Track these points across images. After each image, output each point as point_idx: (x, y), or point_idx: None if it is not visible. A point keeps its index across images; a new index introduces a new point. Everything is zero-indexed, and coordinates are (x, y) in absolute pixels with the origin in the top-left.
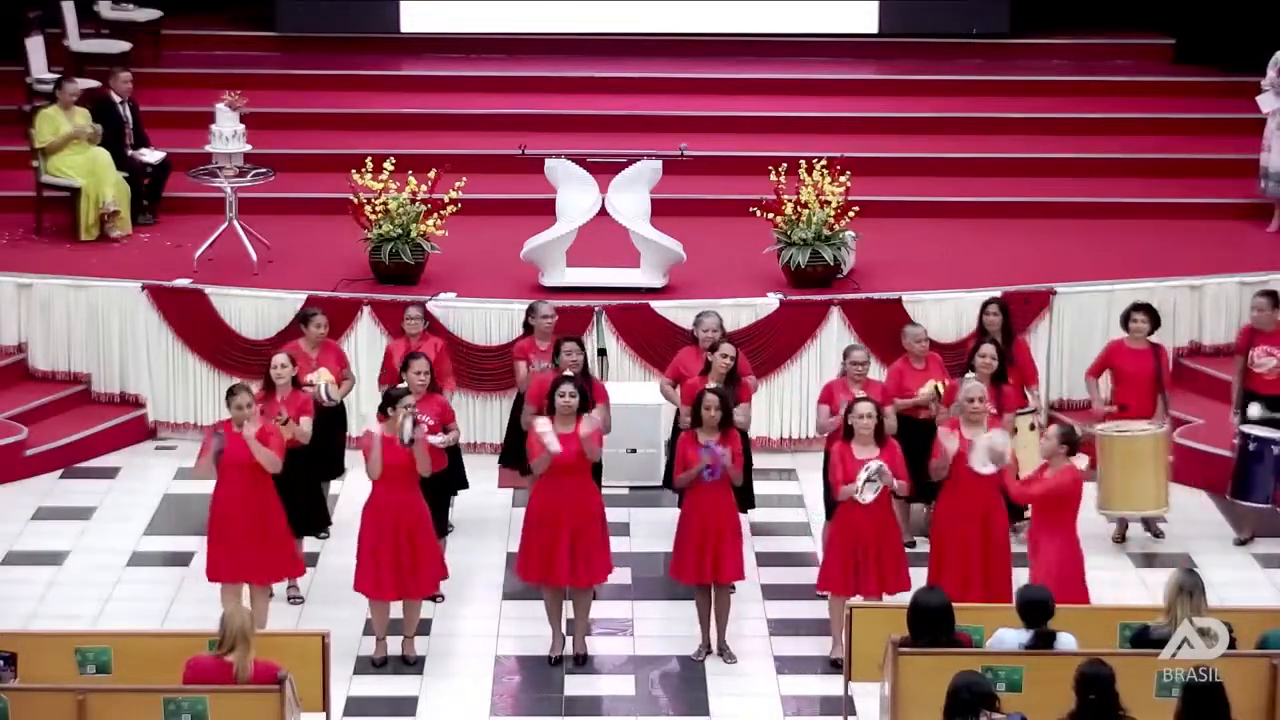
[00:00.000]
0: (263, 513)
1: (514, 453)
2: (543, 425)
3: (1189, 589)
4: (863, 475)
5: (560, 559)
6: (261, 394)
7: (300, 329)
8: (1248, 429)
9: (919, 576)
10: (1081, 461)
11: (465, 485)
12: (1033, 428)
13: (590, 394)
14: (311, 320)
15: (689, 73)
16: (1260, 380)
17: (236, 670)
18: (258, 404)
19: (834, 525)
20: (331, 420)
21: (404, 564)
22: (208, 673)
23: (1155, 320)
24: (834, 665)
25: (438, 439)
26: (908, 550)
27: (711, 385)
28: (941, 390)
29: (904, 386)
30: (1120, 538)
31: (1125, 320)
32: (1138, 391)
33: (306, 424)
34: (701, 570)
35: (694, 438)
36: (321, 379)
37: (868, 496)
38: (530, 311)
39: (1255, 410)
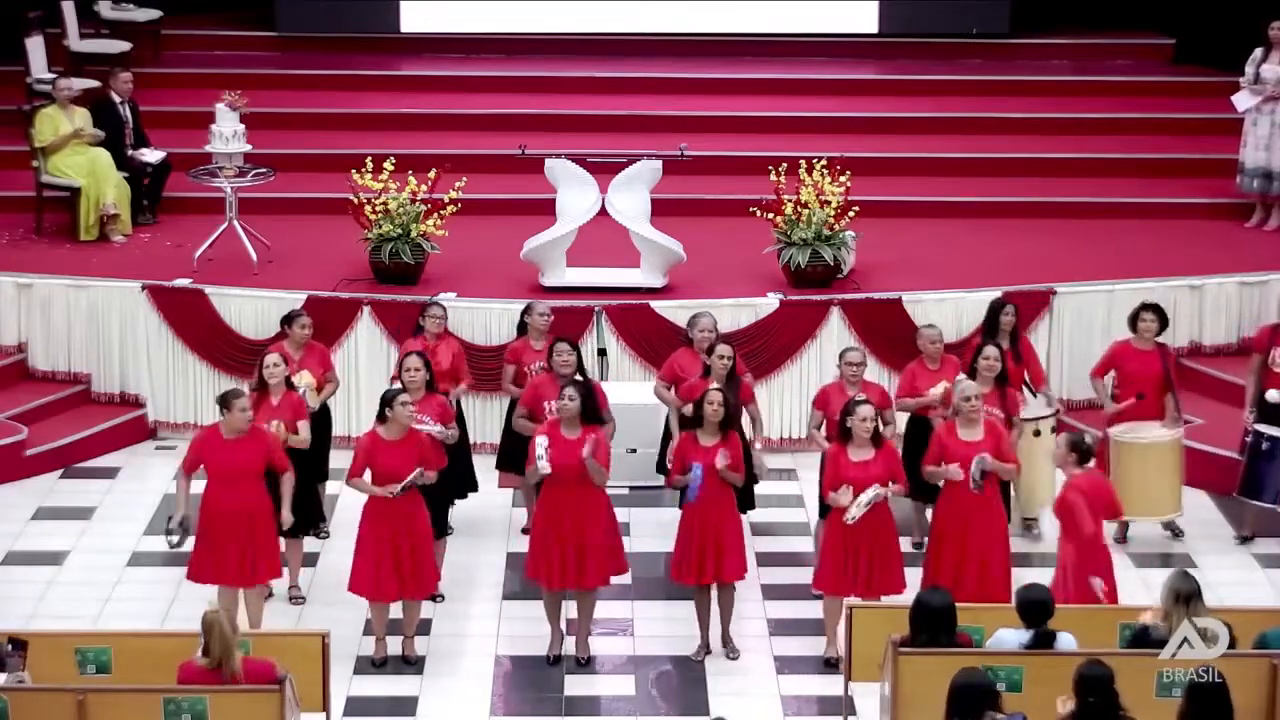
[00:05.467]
0: (250, 516)
1: (508, 457)
2: (540, 443)
3: (1185, 595)
4: (863, 500)
5: (566, 563)
6: (254, 395)
7: (285, 330)
8: (1261, 428)
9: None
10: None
11: (475, 488)
12: (1054, 430)
13: (595, 398)
14: (296, 321)
15: (689, 73)
16: (1279, 379)
17: (227, 680)
18: (250, 406)
19: (829, 525)
20: (315, 425)
21: (404, 565)
22: (199, 679)
23: (1164, 320)
24: (828, 664)
25: (435, 429)
26: (916, 551)
27: (716, 385)
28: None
29: (915, 387)
30: (1121, 538)
31: (1133, 320)
32: (1146, 393)
33: (304, 428)
34: (704, 571)
35: (693, 439)
36: (302, 382)
37: (855, 515)
38: (526, 310)
39: (1276, 395)
